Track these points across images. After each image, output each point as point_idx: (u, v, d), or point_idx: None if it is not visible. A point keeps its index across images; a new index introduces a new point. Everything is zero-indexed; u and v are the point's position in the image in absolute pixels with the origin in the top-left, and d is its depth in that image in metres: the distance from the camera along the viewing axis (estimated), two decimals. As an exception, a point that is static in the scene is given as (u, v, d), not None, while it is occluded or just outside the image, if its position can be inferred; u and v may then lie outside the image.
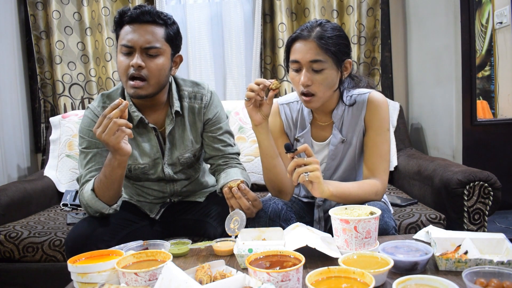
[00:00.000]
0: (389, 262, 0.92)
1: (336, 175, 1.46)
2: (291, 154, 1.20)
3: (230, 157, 1.56)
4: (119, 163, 1.27)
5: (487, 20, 3.02)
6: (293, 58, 1.32)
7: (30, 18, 2.58)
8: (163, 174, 1.53)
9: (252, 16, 2.64)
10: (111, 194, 1.33)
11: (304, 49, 1.29)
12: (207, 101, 1.53)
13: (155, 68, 1.36)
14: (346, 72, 1.37)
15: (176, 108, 1.47)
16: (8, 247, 1.71)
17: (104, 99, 1.47)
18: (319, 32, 1.29)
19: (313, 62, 1.29)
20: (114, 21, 1.38)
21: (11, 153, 2.48)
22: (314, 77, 1.30)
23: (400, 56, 2.70)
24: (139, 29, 1.34)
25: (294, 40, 1.33)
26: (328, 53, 1.29)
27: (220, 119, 1.56)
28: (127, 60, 1.34)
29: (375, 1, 2.55)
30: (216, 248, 1.18)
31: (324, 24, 1.32)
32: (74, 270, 0.97)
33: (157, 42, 1.35)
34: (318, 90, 1.31)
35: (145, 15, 1.34)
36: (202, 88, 1.54)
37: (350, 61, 1.37)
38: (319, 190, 1.21)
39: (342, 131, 1.42)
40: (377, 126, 1.38)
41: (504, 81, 3.00)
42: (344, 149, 1.44)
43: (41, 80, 2.65)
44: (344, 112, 1.42)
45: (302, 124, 1.48)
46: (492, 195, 1.66)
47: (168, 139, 1.50)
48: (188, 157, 1.54)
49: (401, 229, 1.66)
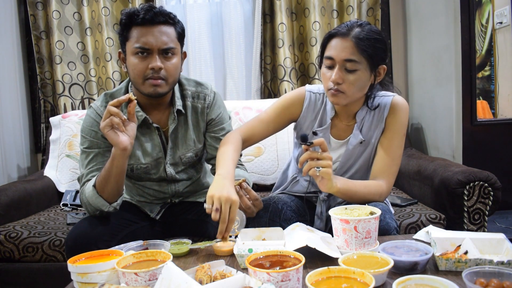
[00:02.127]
0: (389, 262, 0.92)
1: (348, 174, 1.45)
2: (306, 146, 1.20)
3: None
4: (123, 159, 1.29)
5: (487, 20, 3.02)
6: (328, 54, 1.31)
7: (30, 18, 2.58)
8: (165, 174, 1.53)
9: (252, 16, 2.64)
10: (113, 190, 1.33)
11: (340, 47, 1.28)
12: (210, 101, 1.53)
13: (173, 68, 1.37)
14: (379, 77, 1.35)
15: (178, 107, 1.47)
16: (8, 247, 1.71)
17: (107, 98, 1.46)
18: (358, 32, 1.28)
19: (347, 61, 1.28)
20: (121, 23, 1.37)
21: (11, 153, 2.48)
22: (346, 77, 1.29)
23: (400, 56, 2.70)
24: (154, 30, 1.33)
25: (332, 37, 1.32)
26: (364, 54, 1.27)
27: (223, 119, 1.56)
28: (144, 62, 1.34)
29: (375, 1, 2.55)
30: (216, 248, 1.18)
31: (364, 25, 1.30)
32: (74, 270, 0.97)
33: (171, 42, 1.36)
34: (348, 90, 1.30)
35: (158, 16, 1.34)
36: (206, 88, 1.54)
37: (385, 68, 1.35)
38: (327, 185, 1.21)
39: (362, 131, 1.42)
40: (395, 129, 1.38)
41: (504, 81, 3.00)
42: (360, 150, 1.43)
43: (41, 80, 2.65)
44: (366, 113, 1.41)
45: (323, 119, 1.46)
46: (492, 195, 1.66)
47: (171, 139, 1.50)
48: (191, 156, 1.54)
49: (401, 229, 1.66)
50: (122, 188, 1.38)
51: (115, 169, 1.30)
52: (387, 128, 1.39)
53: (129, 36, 1.36)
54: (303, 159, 1.20)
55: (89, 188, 1.34)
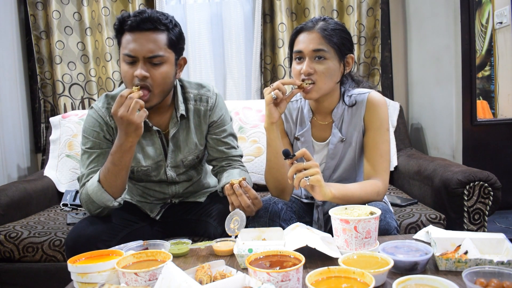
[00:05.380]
0: (389, 262, 0.92)
1: (336, 174, 1.46)
2: (290, 160, 1.20)
3: (234, 159, 1.56)
4: (131, 145, 1.29)
5: (487, 20, 3.02)
6: (297, 48, 1.35)
7: (30, 18, 2.58)
8: (165, 177, 1.53)
9: (252, 16, 2.64)
10: (118, 183, 1.33)
11: (308, 39, 1.33)
12: (213, 104, 1.52)
13: (160, 77, 1.33)
14: (348, 67, 1.39)
15: (181, 111, 1.46)
16: (8, 247, 1.71)
17: (109, 100, 1.45)
18: (323, 24, 1.34)
19: (316, 51, 1.31)
20: (115, 28, 1.35)
21: (11, 153, 2.48)
22: (316, 67, 1.32)
23: (400, 56, 2.70)
24: (141, 37, 1.30)
25: (298, 32, 1.36)
26: (331, 44, 1.32)
27: (224, 121, 1.55)
28: (131, 69, 1.32)
29: (375, 1, 2.55)
30: (216, 248, 1.18)
31: (327, 19, 1.36)
32: (74, 270, 0.97)
33: (159, 50, 1.31)
34: (319, 79, 1.32)
35: (145, 23, 1.29)
36: (207, 90, 1.53)
37: (353, 57, 1.39)
38: (321, 193, 1.20)
39: (342, 130, 1.43)
40: (377, 126, 1.39)
41: (504, 81, 3.00)
42: (343, 149, 1.44)
43: (41, 80, 2.65)
44: (344, 112, 1.42)
45: (302, 123, 1.48)
46: (492, 195, 1.66)
47: (172, 142, 1.50)
48: (192, 159, 1.54)
49: (401, 229, 1.66)
50: (126, 181, 1.37)
51: (124, 161, 1.30)
52: (368, 126, 1.40)
53: (121, 41, 1.35)
54: (291, 174, 1.19)
55: (93, 184, 1.33)
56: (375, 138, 1.38)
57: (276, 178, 1.39)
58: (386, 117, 1.40)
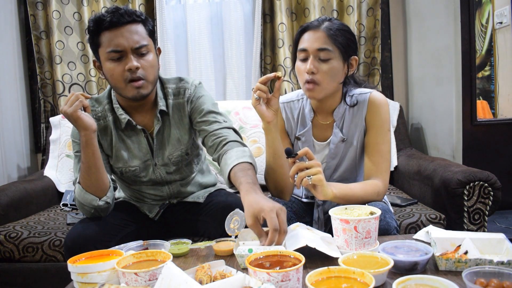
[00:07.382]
0: (389, 262, 0.92)
1: (336, 174, 1.46)
2: (292, 159, 1.20)
3: (218, 134, 1.42)
4: (86, 140, 1.29)
5: (487, 20, 3.02)
6: (302, 47, 1.34)
7: (30, 18, 2.58)
8: (154, 176, 1.52)
9: (252, 16, 2.64)
10: (93, 182, 1.33)
11: (313, 38, 1.33)
12: (191, 94, 1.49)
13: (149, 65, 1.36)
14: (351, 69, 1.39)
15: (161, 107, 1.46)
16: (8, 247, 1.71)
17: (93, 102, 1.48)
18: (328, 24, 1.34)
19: (320, 51, 1.31)
20: (89, 30, 1.35)
21: (11, 153, 2.48)
22: (320, 66, 1.32)
23: (400, 56, 2.70)
24: (124, 31, 1.32)
25: (304, 31, 1.36)
26: (336, 44, 1.32)
27: (202, 103, 1.47)
28: (120, 65, 1.33)
29: (375, 1, 2.54)
30: (216, 248, 1.18)
31: (333, 20, 1.37)
32: (74, 270, 0.97)
33: (143, 39, 1.35)
34: (323, 80, 1.32)
35: (124, 16, 1.32)
36: (186, 82, 1.51)
37: (356, 59, 1.39)
38: (322, 193, 1.21)
39: (343, 130, 1.43)
40: (378, 126, 1.38)
41: (504, 81, 3.00)
42: (344, 149, 1.44)
43: (41, 80, 2.65)
44: (345, 112, 1.42)
45: (303, 122, 1.48)
46: (492, 195, 1.66)
47: (157, 139, 1.49)
48: (179, 155, 1.52)
49: (401, 229, 1.66)
50: (104, 179, 1.36)
51: (88, 158, 1.31)
52: (369, 126, 1.40)
53: (99, 42, 1.34)
54: (293, 173, 1.20)
55: (76, 187, 1.36)
56: (376, 138, 1.38)
57: (276, 179, 1.39)
58: (388, 117, 1.40)
